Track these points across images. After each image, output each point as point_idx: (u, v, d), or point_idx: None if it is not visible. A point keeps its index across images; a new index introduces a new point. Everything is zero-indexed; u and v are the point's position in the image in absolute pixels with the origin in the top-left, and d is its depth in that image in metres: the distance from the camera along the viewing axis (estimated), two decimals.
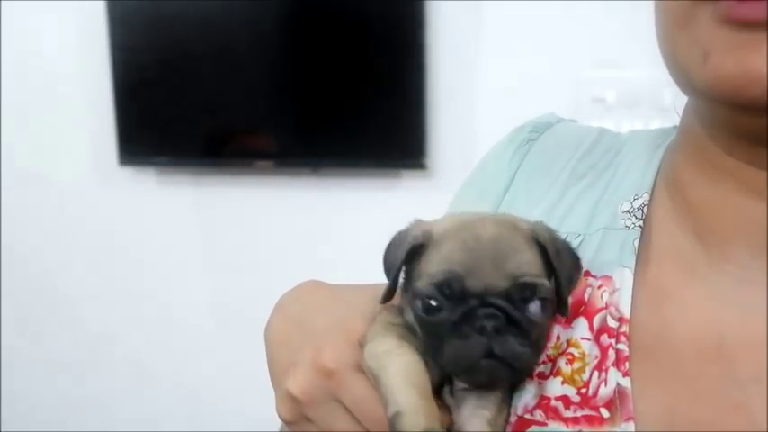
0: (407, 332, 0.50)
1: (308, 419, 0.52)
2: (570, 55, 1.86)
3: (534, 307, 0.47)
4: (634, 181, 0.56)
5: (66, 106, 2.26)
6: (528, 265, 0.48)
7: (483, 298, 0.46)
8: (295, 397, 0.51)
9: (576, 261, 0.51)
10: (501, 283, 0.46)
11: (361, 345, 0.50)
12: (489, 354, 0.46)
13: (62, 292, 2.41)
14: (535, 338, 0.48)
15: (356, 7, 1.99)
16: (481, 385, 0.50)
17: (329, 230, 2.16)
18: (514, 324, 0.46)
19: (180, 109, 2.15)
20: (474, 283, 0.46)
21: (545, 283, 0.48)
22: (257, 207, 2.22)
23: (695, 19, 0.42)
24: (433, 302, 0.47)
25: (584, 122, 0.69)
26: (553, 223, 0.55)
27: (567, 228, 0.56)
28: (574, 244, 0.53)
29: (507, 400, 0.51)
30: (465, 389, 0.50)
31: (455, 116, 2.00)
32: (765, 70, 0.39)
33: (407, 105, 1.97)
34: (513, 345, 0.46)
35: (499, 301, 0.46)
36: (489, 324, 0.46)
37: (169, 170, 2.26)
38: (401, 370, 0.47)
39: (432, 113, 1.98)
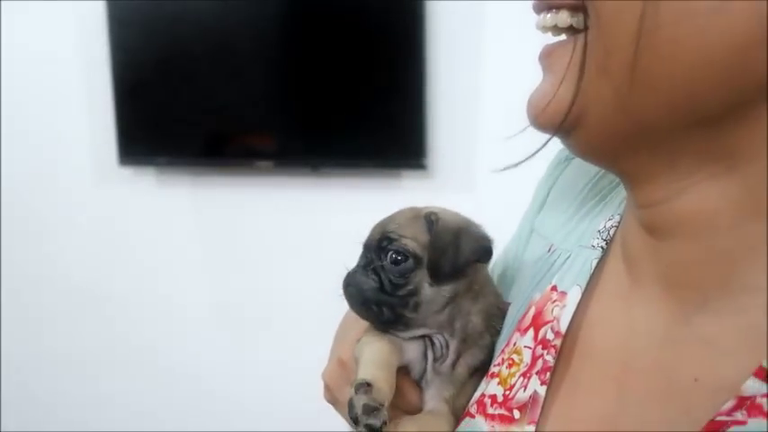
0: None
1: (338, 401, 0.68)
2: None
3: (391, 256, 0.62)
4: (617, 203, 0.58)
5: (66, 106, 2.26)
6: (398, 226, 0.63)
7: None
8: (326, 384, 0.69)
9: (457, 241, 0.61)
10: (374, 235, 0.65)
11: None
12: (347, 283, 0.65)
13: (62, 292, 2.41)
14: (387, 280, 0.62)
15: (356, 7, 1.99)
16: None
17: (329, 230, 2.16)
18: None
19: (180, 109, 2.15)
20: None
21: (405, 241, 0.62)
22: (257, 207, 2.22)
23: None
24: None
25: None
26: (557, 240, 0.62)
27: (565, 245, 0.60)
28: (560, 260, 0.59)
29: (473, 386, 0.62)
30: (434, 374, 0.64)
31: (455, 116, 1.99)
32: (535, 98, 0.46)
33: (407, 105, 1.97)
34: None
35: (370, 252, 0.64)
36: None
37: (169, 170, 2.26)
38: (370, 352, 0.62)
39: (432, 113, 1.98)
